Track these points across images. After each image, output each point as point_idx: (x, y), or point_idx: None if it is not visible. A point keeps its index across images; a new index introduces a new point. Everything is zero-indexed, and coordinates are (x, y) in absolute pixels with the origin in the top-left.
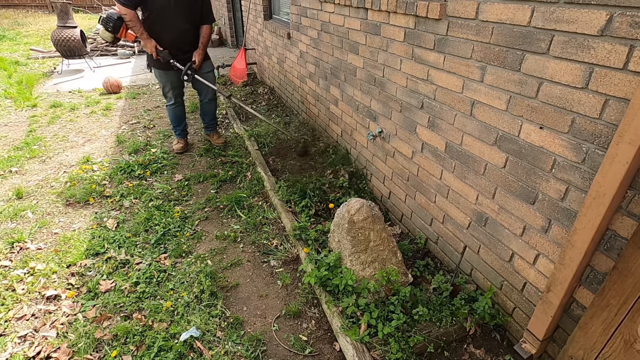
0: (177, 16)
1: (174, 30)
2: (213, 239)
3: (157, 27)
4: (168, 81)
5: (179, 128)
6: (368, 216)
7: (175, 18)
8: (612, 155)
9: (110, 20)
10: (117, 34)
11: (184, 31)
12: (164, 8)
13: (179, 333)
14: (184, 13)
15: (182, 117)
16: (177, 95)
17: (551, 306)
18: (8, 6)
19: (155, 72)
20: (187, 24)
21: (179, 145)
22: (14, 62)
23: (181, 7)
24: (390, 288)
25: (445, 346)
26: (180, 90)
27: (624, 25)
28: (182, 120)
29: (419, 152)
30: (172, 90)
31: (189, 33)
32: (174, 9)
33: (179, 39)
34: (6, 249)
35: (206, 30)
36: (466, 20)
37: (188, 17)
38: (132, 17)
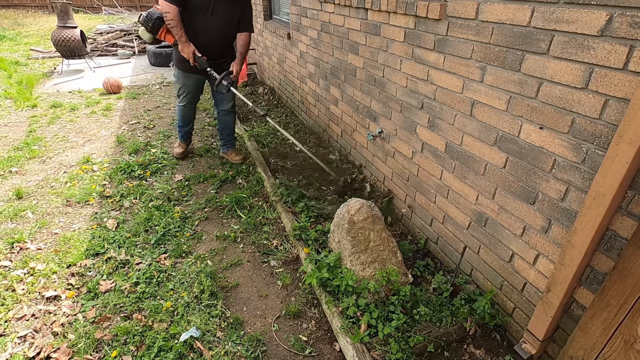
0: (214, 19)
1: (208, 34)
2: (213, 239)
3: (189, 29)
4: (186, 84)
5: (184, 129)
6: (368, 216)
7: (211, 21)
8: (612, 156)
9: (150, 19)
10: (157, 35)
11: (218, 36)
12: (201, 9)
13: (179, 333)
14: (222, 17)
15: (190, 119)
16: (191, 100)
17: (551, 306)
18: (8, 6)
19: (176, 71)
20: (223, 29)
21: (179, 149)
22: (14, 62)
23: (220, 9)
24: (390, 288)
25: (445, 346)
26: (196, 96)
27: (624, 26)
28: (189, 122)
29: (419, 152)
30: (188, 94)
31: (222, 39)
32: (212, 10)
33: (212, 45)
34: (6, 249)
35: (245, 39)
36: (466, 21)
37: (225, 21)
38: (174, 16)
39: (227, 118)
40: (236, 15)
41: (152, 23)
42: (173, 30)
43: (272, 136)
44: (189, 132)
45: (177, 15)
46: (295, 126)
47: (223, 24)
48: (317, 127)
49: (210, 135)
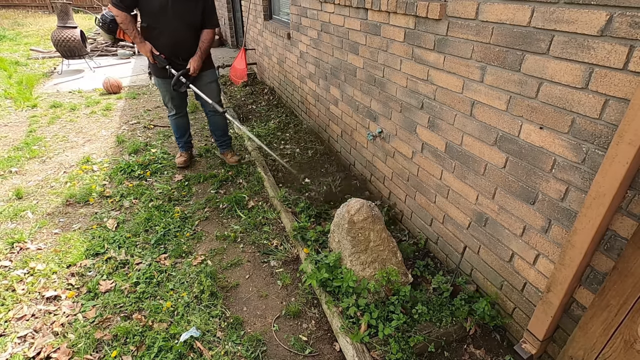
0: (174, 20)
1: (171, 35)
2: (213, 239)
3: (153, 32)
4: (167, 90)
5: (181, 140)
6: (368, 216)
7: (172, 22)
8: (612, 156)
9: (104, 22)
10: (116, 35)
11: (182, 37)
12: (160, 11)
13: (179, 333)
14: (182, 16)
15: (185, 128)
16: (177, 105)
17: (551, 306)
18: (8, 6)
19: (154, 80)
20: (185, 29)
21: (181, 158)
22: (14, 62)
23: (179, 9)
24: (390, 288)
25: (445, 346)
26: (181, 101)
27: (624, 26)
28: (186, 132)
29: (419, 152)
30: (172, 100)
31: (187, 39)
32: (170, 11)
33: (177, 45)
34: (6, 249)
35: (207, 35)
36: (466, 21)
37: (187, 20)
38: (123, 20)
39: (215, 118)
40: (197, 12)
41: (107, 25)
42: (127, 32)
43: (272, 136)
44: (188, 141)
45: (127, 18)
46: (295, 126)
47: (184, 22)
48: (317, 127)
49: (210, 135)
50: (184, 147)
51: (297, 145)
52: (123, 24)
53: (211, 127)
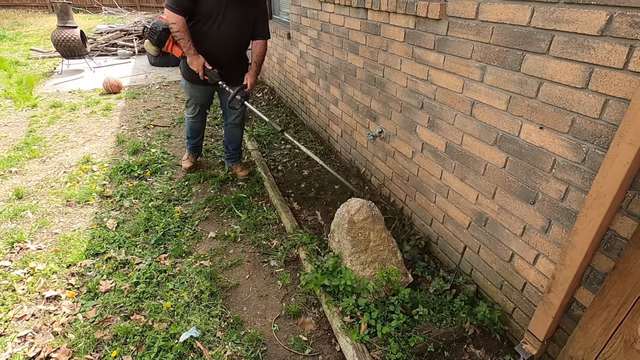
0: (225, 27)
1: (219, 44)
2: (213, 239)
3: (198, 37)
4: (195, 96)
5: (192, 141)
6: (368, 216)
7: (222, 29)
8: (613, 156)
9: (154, 31)
10: (163, 47)
11: (230, 46)
12: (212, 14)
13: (179, 333)
14: (234, 24)
15: (199, 131)
16: (200, 112)
17: (552, 307)
18: (8, 6)
19: (183, 82)
20: (235, 38)
21: (188, 163)
22: (14, 62)
23: (233, 14)
24: (390, 288)
25: (445, 346)
26: (205, 107)
27: (624, 25)
28: (199, 134)
29: (419, 152)
30: (197, 106)
31: (235, 49)
32: (222, 17)
33: (223, 55)
34: (6, 249)
35: (261, 47)
36: (466, 21)
37: (238, 29)
38: (180, 27)
39: (235, 131)
40: (250, 21)
41: (157, 35)
42: (180, 42)
43: (272, 136)
44: (199, 145)
45: (184, 26)
46: (295, 126)
47: (235, 32)
48: (317, 127)
49: (210, 135)
50: (192, 149)
51: None
52: (180, 31)
53: (227, 139)
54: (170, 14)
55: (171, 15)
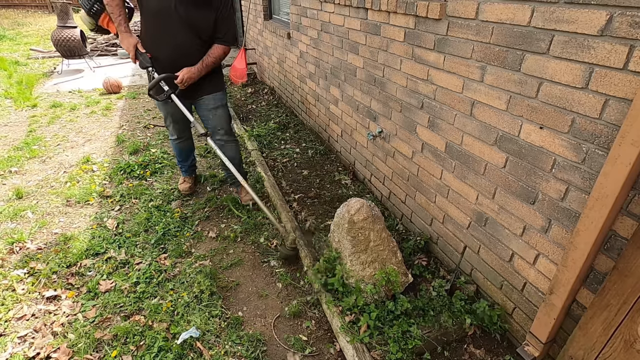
0: (178, 25)
1: (171, 42)
2: (213, 239)
3: (151, 36)
4: (169, 112)
5: (185, 164)
6: (368, 216)
7: (174, 27)
8: (615, 157)
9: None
10: (98, 21)
11: (185, 46)
12: (162, 12)
13: (179, 333)
14: (188, 22)
15: (189, 151)
16: (180, 129)
17: (554, 309)
18: (8, 6)
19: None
20: (190, 38)
21: (186, 184)
22: (14, 62)
23: (184, 14)
24: (390, 288)
25: (445, 346)
26: (183, 125)
27: (624, 25)
28: (189, 155)
29: (419, 152)
30: (174, 124)
31: (192, 50)
32: (175, 13)
33: (177, 56)
34: (6, 249)
35: (216, 50)
36: (466, 20)
37: (193, 28)
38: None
39: (227, 149)
40: (208, 20)
41: (89, 5)
42: (112, 15)
43: (272, 136)
44: (192, 164)
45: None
46: (295, 126)
47: (190, 29)
48: (317, 127)
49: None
50: (187, 172)
51: (297, 145)
52: (109, 5)
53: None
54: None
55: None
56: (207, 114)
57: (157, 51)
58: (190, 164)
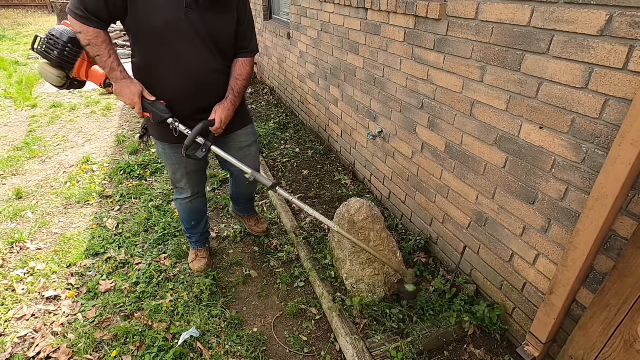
0: (194, 42)
1: (186, 69)
2: (213, 239)
3: (154, 68)
4: (180, 162)
5: (196, 231)
6: (368, 216)
7: (188, 45)
8: (615, 157)
9: (55, 45)
10: (71, 71)
11: (205, 71)
12: (169, 26)
13: (179, 333)
14: (207, 35)
15: (202, 213)
16: (196, 184)
17: (554, 309)
18: (8, 6)
19: (157, 146)
20: (211, 57)
21: (199, 262)
22: (14, 62)
23: (201, 23)
24: (390, 288)
25: (445, 346)
26: (201, 176)
27: (624, 26)
28: (202, 218)
29: (419, 152)
30: (188, 178)
31: (215, 75)
32: (187, 27)
33: (196, 89)
34: (6, 249)
35: (244, 67)
36: (466, 21)
37: (213, 42)
38: (92, 37)
39: (247, 187)
40: (230, 29)
41: (58, 51)
42: (97, 60)
43: (272, 136)
44: (207, 232)
45: (100, 37)
46: (295, 126)
47: (212, 48)
48: (317, 127)
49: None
50: (198, 242)
51: (297, 145)
52: (92, 45)
53: (234, 192)
54: (73, 22)
55: (75, 23)
56: (238, 154)
57: (168, 88)
58: (204, 230)
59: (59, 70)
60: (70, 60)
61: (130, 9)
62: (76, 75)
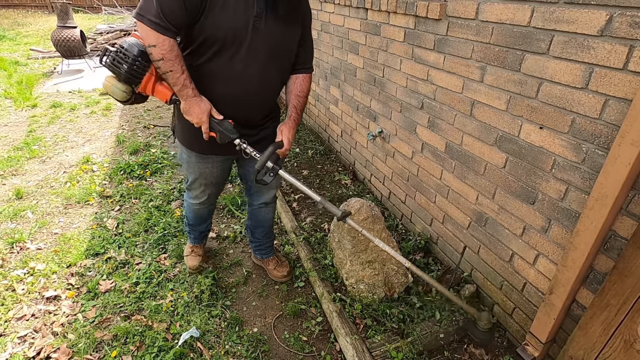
0: (261, 55)
1: (249, 79)
2: (213, 239)
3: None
4: (204, 174)
5: (197, 228)
6: (368, 216)
7: (256, 58)
8: (615, 157)
9: (125, 58)
10: (138, 86)
11: (269, 87)
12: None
13: (179, 333)
14: (272, 48)
15: (207, 217)
16: (212, 194)
17: (554, 308)
18: (8, 6)
19: (183, 153)
20: (275, 72)
21: (194, 259)
22: (14, 62)
23: (267, 34)
24: (390, 288)
25: (445, 346)
26: (218, 190)
27: (624, 26)
28: (207, 219)
29: (419, 152)
30: (206, 188)
31: (272, 88)
32: (253, 38)
33: (260, 107)
34: (6, 249)
35: (306, 83)
36: (466, 21)
37: (277, 56)
38: (167, 51)
39: (264, 212)
40: (295, 41)
41: (128, 66)
42: (168, 76)
43: None
44: (207, 230)
45: (175, 49)
46: None
47: (276, 63)
48: (317, 127)
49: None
50: (198, 239)
51: (297, 145)
52: (165, 59)
53: (252, 223)
54: (148, 32)
55: (151, 34)
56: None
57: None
58: (204, 229)
59: (125, 85)
60: (139, 74)
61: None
62: (142, 91)
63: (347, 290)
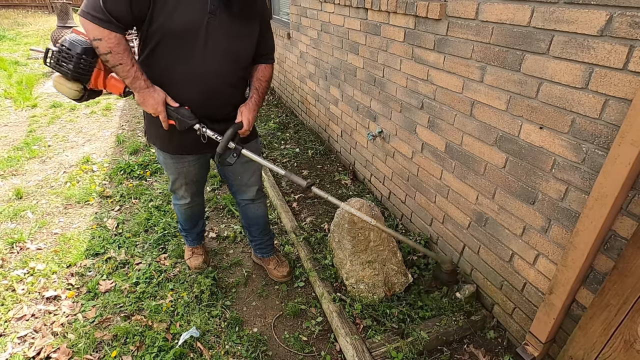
0: (212, 49)
1: (207, 75)
2: (213, 239)
3: (169, 70)
4: (182, 173)
5: (192, 231)
6: None
7: (209, 52)
8: (614, 156)
9: (69, 58)
10: (88, 83)
11: (225, 78)
12: (191, 31)
13: (179, 333)
14: (227, 45)
15: (199, 215)
16: (194, 192)
17: (553, 308)
18: (8, 6)
19: (158, 154)
20: (227, 68)
21: (196, 259)
22: (14, 62)
23: (222, 32)
24: (390, 288)
25: (445, 346)
26: (199, 185)
27: (624, 26)
28: (199, 219)
29: (419, 152)
30: (186, 186)
31: (234, 81)
32: (205, 34)
33: (215, 94)
34: (6, 249)
35: (267, 70)
36: (466, 21)
37: (232, 53)
38: (113, 45)
39: (253, 209)
40: (252, 39)
41: (73, 63)
42: (118, 69)
43: (271, 136)
44: (202, 230)
45: (122, 43)
46: (295, 126)
47: (234, 55)
48: (317, 127)
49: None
50: (195, 240)
51: (297, 145)
52: (113, 52)
53: (245, 221)
54: (92, 27)
55: (94, 28)
56: (242, 167)
57: (186, 94)
58: (200, 230)
59: (75, 83)
60: (87, 72)
61: (153, 9)
62: (93, 87)
63: (347, 290)
